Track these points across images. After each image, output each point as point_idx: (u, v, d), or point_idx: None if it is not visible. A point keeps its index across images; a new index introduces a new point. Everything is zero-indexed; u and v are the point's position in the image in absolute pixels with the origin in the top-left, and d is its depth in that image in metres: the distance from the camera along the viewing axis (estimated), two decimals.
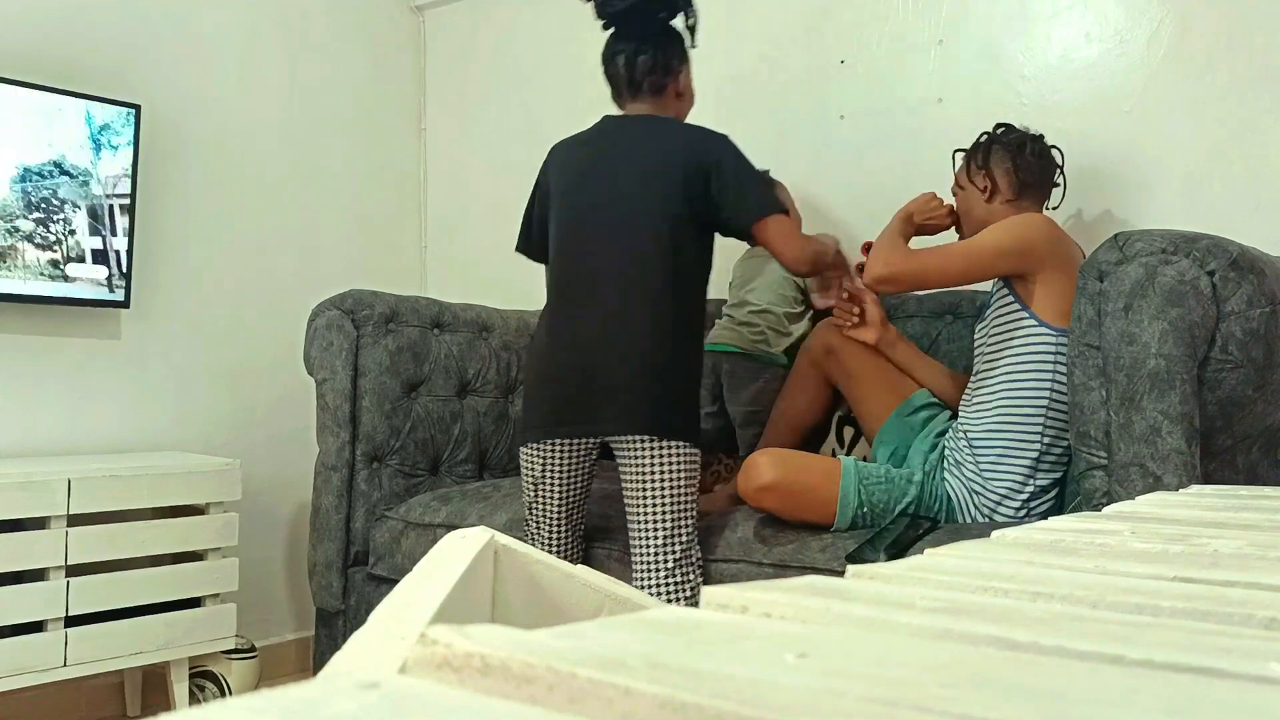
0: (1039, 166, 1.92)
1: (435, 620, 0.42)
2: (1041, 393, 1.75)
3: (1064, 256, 1.76)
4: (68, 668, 2.05)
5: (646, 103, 1.88)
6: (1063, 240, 1.79)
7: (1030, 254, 1.76)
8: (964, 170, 1.97)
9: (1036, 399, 1.75)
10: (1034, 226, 1.77)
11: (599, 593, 0.65)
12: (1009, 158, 1.91)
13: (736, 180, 1.80)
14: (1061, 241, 1.78)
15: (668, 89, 1.88)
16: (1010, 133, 1.94)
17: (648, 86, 1.87)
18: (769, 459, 1.72)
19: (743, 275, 2.29)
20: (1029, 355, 1.76)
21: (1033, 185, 1.91)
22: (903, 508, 1.74)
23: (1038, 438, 1.75)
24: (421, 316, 2.45)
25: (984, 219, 1.91)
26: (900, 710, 0.25)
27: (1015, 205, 1.90)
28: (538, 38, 3.04)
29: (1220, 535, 0.63)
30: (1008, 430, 1.77)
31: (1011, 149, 1.91)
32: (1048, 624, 0.36)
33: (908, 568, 0.49)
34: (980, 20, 2.30)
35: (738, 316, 2.23)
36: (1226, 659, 0.31)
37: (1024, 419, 1.76)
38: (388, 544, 2.22)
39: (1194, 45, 2.05)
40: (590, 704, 0.26)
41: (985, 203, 1.92)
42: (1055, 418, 1.75)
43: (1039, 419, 1.75)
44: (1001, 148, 1.92)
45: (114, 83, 2.46)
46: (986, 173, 1.92)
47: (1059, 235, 1.79)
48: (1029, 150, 1.91)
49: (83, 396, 2.42)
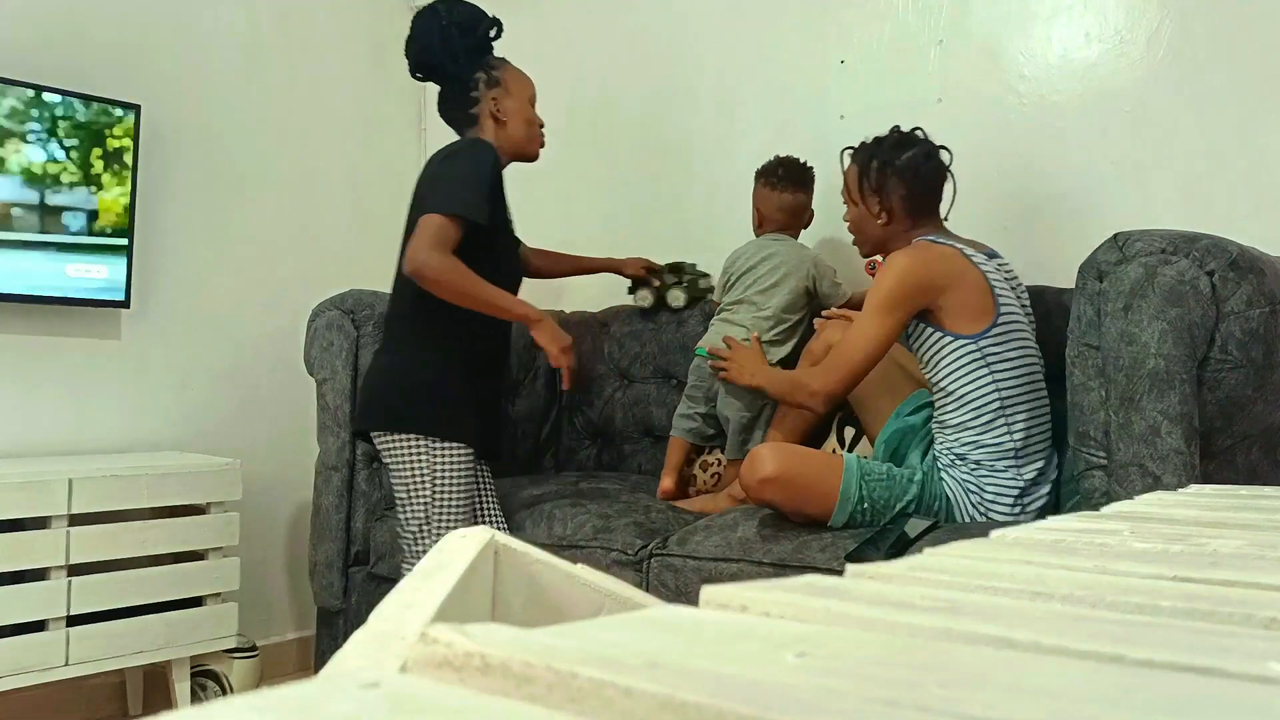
0: (932, 185, 1.90)
1: (436, 619, 0.42)
2: (988, 395, 1.78)
3: (951, 272, 1.78)
4: (69, 667, 2.05)
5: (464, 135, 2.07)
6: (942, 256, 1.79)
7: (927, 289, 1.77)
8: (855, 187, 1.93)
9: (987, 403, 1.78)
10: (915, 266, 1.77)
11: (599, 592, 0.65)
12: (903, 184, 1.88)
13: (432, 180, 1.92)
14: (942, 259, 1.79)
15: (478, 120, 2.04)
16: (901, 148, 1.89)
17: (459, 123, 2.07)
18: (772, 451, 1.73)
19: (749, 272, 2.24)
20: (963, 368, 1.79)
21: (929, 204, 1.90)
22: (903, 506, 1.75)
23: (1006, 435, 1.78)
24: None
25: (879, 240, 1.94)
26: (900, 710, 0.25)
27: (910, 227, 1.89)
28: (538, 38, 3.04)
29: (1220, 535, 0.63)
30: (977, 439, 1.79)
31: (906, 174, 1.88)
32: (1048, 624, 0.36)
33: (908, 568, 0.49)
34: (980, 20, 2.30)
35: (740, 319, 2.21)
36: (1226, 659, 0.31)
37: (986, 424, 1.78)
38: (388, 543, 2.22)
39: (1194, 45, 2.05)
40: (590, 704, 0.26)
41: (880, 226, 1.92)
42: (1013, 410, 1.78)
43: (998, 418, 1.78)
44: (896, 173, 1.88)
45: (114, 83, 2.46)
46: (879, 199, 1.90)
47: (937, 254, 1.79)
48: (922, 173, 1.88)
49: (83, 396, 2.42)
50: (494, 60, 2.08)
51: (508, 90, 2.06)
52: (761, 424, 2.18)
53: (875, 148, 1.92)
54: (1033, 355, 1.83)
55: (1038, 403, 1.81)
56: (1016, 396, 1.78)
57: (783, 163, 2.28)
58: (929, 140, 1.92)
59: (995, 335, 1.78)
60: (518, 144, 2.08)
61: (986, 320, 1.78)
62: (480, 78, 2.04)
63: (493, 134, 2.04)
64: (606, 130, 2.91)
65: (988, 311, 1.78)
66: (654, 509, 2.03)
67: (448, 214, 1.85)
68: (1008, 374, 1.78)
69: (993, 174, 2.27)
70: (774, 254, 2.21)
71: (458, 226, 1.86)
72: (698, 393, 2.26)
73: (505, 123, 2.05)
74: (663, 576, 1.82)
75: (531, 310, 1.92)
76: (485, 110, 2.04)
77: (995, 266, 1.85)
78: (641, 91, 2.85)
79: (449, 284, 1.84)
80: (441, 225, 1.84)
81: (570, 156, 2.98)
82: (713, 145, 2.69)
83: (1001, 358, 1.78)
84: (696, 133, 2.73)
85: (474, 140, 1.99)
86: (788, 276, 2.18)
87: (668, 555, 1.83)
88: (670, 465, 2.25)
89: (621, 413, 2.59)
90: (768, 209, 2.27)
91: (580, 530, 1.94)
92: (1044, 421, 1.82)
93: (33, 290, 2.26)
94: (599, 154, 2.92)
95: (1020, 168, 2.24)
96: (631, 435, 2.58)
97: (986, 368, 1.78)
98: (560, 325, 2.73)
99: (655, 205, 2.82)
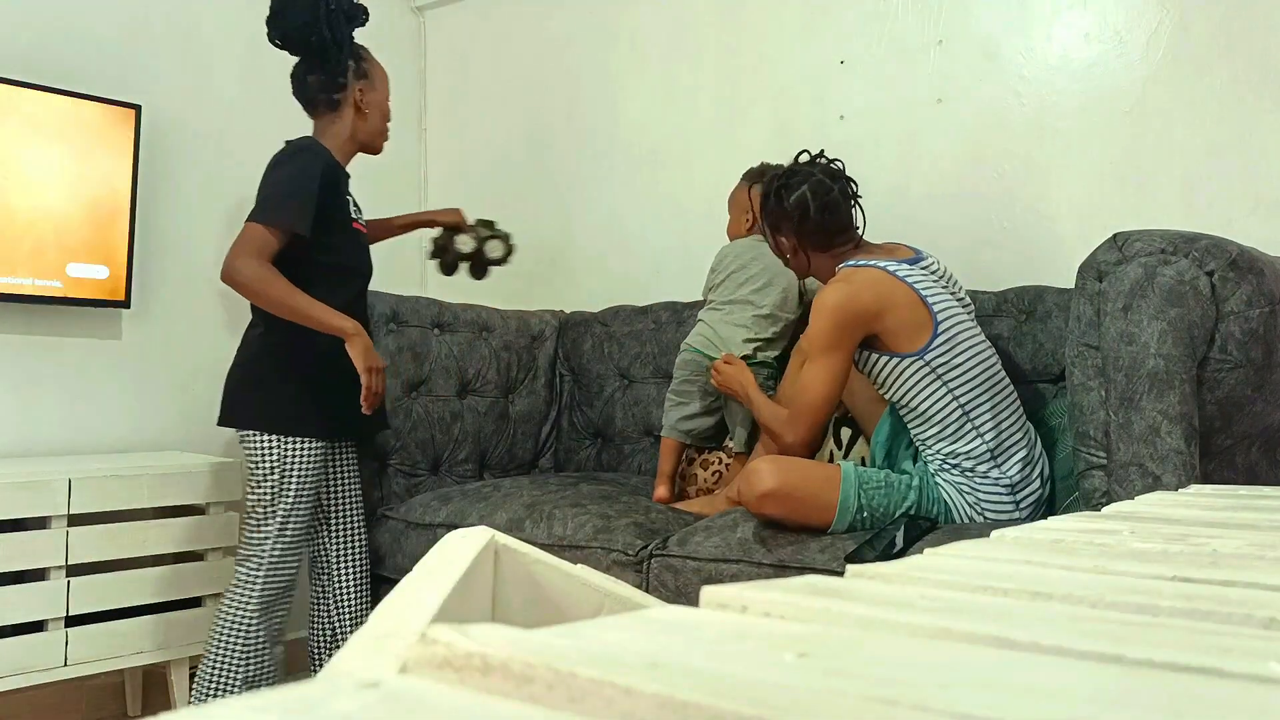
0: (831, 217, 1.86)
1: (436, 620, 0.42)
2: (948, 407, 1.78)
3: (881, 295, 1.78)
4: (68, 667, 2.05)
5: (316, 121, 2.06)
6: (869, 281, 1.79)
7: (862, 317, 1.77)
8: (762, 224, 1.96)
9: (949, 414, 1.79)
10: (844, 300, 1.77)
11: (599, 592, 0.65)
12: (796, 225, 1.87)
13: (261, 186, 1.94)
14: (869, 284, 1.79)
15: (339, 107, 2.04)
16: (789, 190, 1.87)
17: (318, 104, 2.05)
18: (770, 466, 1.73)
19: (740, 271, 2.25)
20: (916, 385, 1.79)
21: (830, 233, 1.87)
22: (902, 512, 1.75)
23: (977, 440, 1.78)
24: (422, 316, 2.45)
25: (796, 267, 1.96)
26: (900, 710, 0.25)
27: (822, 253, 1.90)
28: (538, 38, 3.04)
29: (1220, 535, 0.63)
30: (953, 448, 1.80)
31: (796, 215, 1.86)
32: (1048, 624, 0.36)
33: (908, 568, 0.49)
34: (980, 20, 2.30)
35: (735, 319, 2.21)
36: (1226, 659, 0.31)
37: (955, 434, 1.79)
38: (389, 544, 2.22)
39: (1194, 45, 2.05)
40: (590, 703, 0.26)
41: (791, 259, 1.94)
42: (977, 414, 1.78)
43: (965, 425, 1.78)
44: (785, 218, 1.88)
45: (114, 83, 2.46)
46: (783, 237, 1.91)
47: (862, 281, 1.79)
48: (813, 211, 1.85)
49: (83, 396, 2.42)
50: (362, 50, 2.08)
51: (373, 83, 2.07)
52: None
53: (767, 188, 1.92)
54: (983, 353, 1.82)
55: (1000, 399, 1.81)
56: (976, 400, 1.78)
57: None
58: (815, 165, 1.89)
59: (939, 347, 1.78)
60: (372, 136, 2.09)
61: (926, 333, 1.78)
62: (351, 66, 2.04)
63: (350, 123, 2.05)
64: (607, 130, 2.91)
65: (925, 324, 1.78)
66: (654, 509, 2.03)
67: (268, 224, 1.87)
68: (961, 381, 1.78)
69: (993, 174, 2.27)
70: (764, 254, 2.22)
71: (277, 236, 1.87)
72: (691, 388, 2.26)
73: (367, 115, 2.06)
74: (663, 577, 1.82)
75: (348, 324, 1.88)
76: (349, 99, 2.04)
77: (922, 272, 1.83)
78: (641, 92, 2.85)
79: (261, 293, 1.87)
80: (259, 234, 1.87)
81: (570, 156, 2.99)
82: (713, 145, 2.70)
83: (951, 366, 1.78)
84: (696, 133, 2.73)
85: (302, 146, 1.98)
86: (779, 276, 2.20)
87: (668, 555, 1.83)
88: (664, 472, 2.24)
89: (621, 413, 2.59)
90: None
91: (580, 530, 1.94)
92: (1013, 414, 1.82)
93: (33, 290, 2.26)
94: (599, 154, 2.92)
95: (1020, 168, 2.24)
96: (631, 435, 2.58)
97: (939, 380, 1.78)
98: (561, 325, 2.74)
99: (655, 205, 2.82)
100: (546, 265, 3.01)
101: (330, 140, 2.04)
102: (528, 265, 3.07)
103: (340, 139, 2.05)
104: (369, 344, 1.91)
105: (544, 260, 3.02)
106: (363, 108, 2.06)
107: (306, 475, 1.96)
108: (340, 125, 2.05)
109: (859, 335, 1.79)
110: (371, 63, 2.09)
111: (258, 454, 1.93)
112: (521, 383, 2.64)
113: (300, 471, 1.95)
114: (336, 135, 2.05)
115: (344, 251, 2.02)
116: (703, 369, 2.22)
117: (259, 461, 1.93)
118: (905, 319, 1.78)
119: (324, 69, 2.02)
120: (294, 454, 1.94)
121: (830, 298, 1.79)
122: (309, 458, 1.96)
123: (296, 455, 1.94)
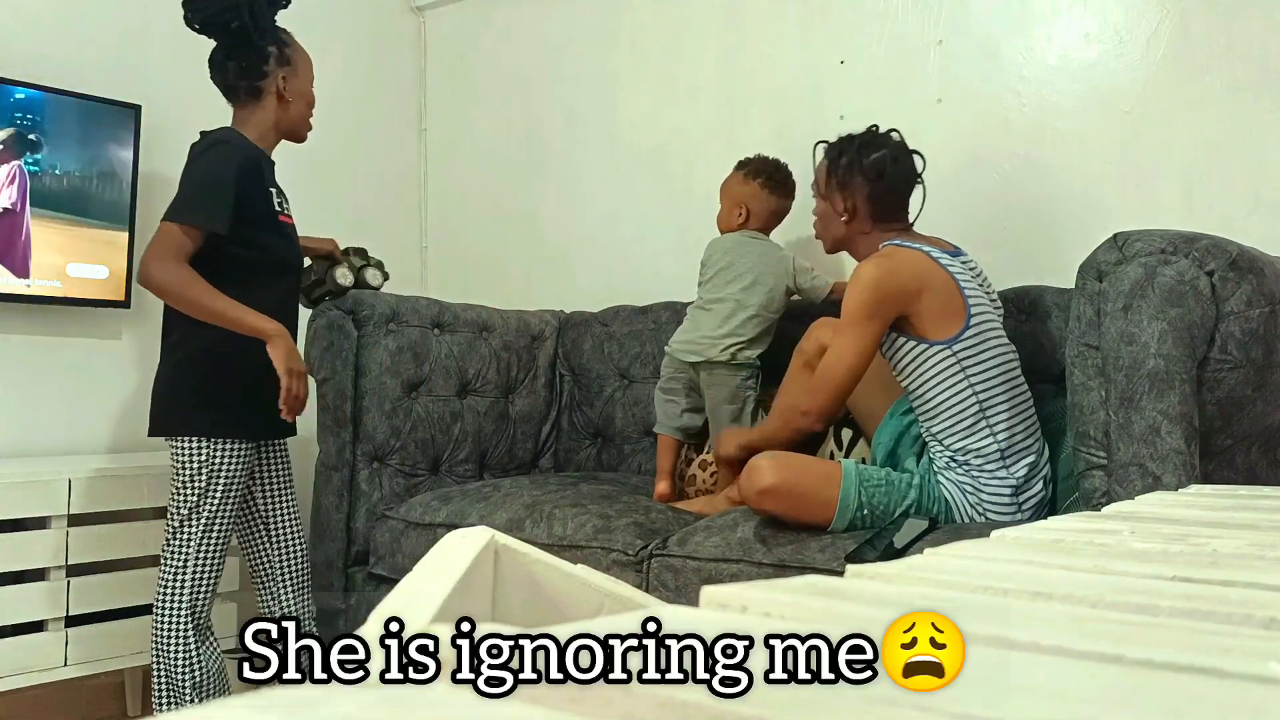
0: (898, 188, 1.90)
1: (436, 620, 0.42)
2: (966, 401, 1.78)
3: (921, 275, 1.78)
4: (68, 667, 2.05)
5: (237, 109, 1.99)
6: (909, 261, 1.79)
7: (899, 296, 1.77)
8: (824, 181, 1.95)
9: (966, 408, 1.78)
10: (884, 275, 1.77)
11: (599, 592, 0.65)
12: (867, 185, 1.89)
13: (179, 184, 1.89)
14: (910, 263, 1.79)
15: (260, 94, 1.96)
16: (870, 149, 1.90)
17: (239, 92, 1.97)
18: (770, 462, 1.72)
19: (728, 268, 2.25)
20: (938, 376, 1.79)
21: (892, 207, 1.90)
22: (902, 510, 1.75)
23: (989, 438, 1.78)
24: (422, 316, 2.45)
25: (840, 238, 1.95)
26: (900, 710, 0.25)
27: (872, 227, 1.90)
28: (538, 38, 3.04)
29: (1220, 535, 0.63)
30: (963, 444, 1.79)
31: (871, 175, 1.88)
32: (1048, 624, 0.36)
33: (908, 568, 0.49)
34: (980, 20, 2.30)
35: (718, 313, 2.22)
36: (1226, 659, 0.31)
37: (968, 429, 1.79)
38: (388, 544, 2.22)
39: (1194, 45, 2.05)
40: (590, 703, 0.26)
41: (843, 223, 1.93)
42: (993, 412, 1.78)
43: (979, 422, 1.78)
44: (862, 173, 1.89)
45: (114, 83, 2.46)
46: (843, 196, 1.91)
47: (904, 259, 1.79)
48: (888, 175, 1.88)
49: (83, 396, 2.42)
50: (284, 35, 2.01)
51: (296, 70, 2.00)
52: (746, 418, 2.19)
53: (845, 145, 1.93)
54: (1007, 353, 1.83)
55: (1017, 400, 1.81)
56: (994, 398, 1.78)
57: (779, 167, 2.29)
58: (902, 143, 1.93)
59: (969, 338, 1.78)
60: (296, 124, 2.03)
61: (959, 322, 1.78)
62: (273, 52, 1.97)
63: (273, 111, 1.99)
64: (607, 130, 2.91)
65: (959, 313, 1.78)
66: (654, 509, 2.03)
67: (182, 223, 1.83)
68: (983, 377, 1.78)
69: (992, 174, 2.27)
70: (752, 251, 2.23)
71: (192, 236, 1.83)
72: (677, 385, 2.27)
73: (290, 102, 2.00)
74: (663, 576, 1.82)
75: (269, 325, 1.84)
76: (272, 87, 1.97)
77: (961, 265, 1.85)
78: (641, 92, 2.85)
79: (179, 296, 1.83)
80: (174, 235, 1.82)
81: (570, 156, 2.99)
82: (713, 145, 2.69)
83: (976, 361, 1.78)
84: (696, 133, 2.73)
85: (218, 139, 1.92)
86: (765, 275, 2.20)
87: (668, 555, 1.83)
88: (663, 469, 2.26)
89: (621, 413, 2.59)
90: (759, 208, 2.27)
91: (580, 530, 1.94)
92: (1027, 417, 1.82)
93: (33, 290, 2.26)
94: (599, 154, 2.92)
95: (1020, 168, 2.24)
96: (631, 435, 2.58)
97: (962, 373, 1.78)
98: (561, 325, 2.74)
99: (655, 205, 2.82)
100: (546, 265, 3.01)
101: (253, 129, 1.97)
102: (527, 264, 3.07)
103: (263, 127, 1.98)
104: (291, 346, 1.86)
105: (544, 260, 3.02)
106: (285, 95, 1.98)
107: (233, 478, 1.90)
108: (263, 113, 1.97)
109: (894, 312, 1.78)
110: (295, 48, 2.02)
111: (183, 457, 1.88)
112: (521, 383, 2.64)
113: (227, 474, 1.89)
114: (259, 124, 1.98)
115: (268, 246, 1.95)
116: (684, 366, 2.23)
117: (184, 465, 1.88)
118: (940, 305, 1.77)
119: (245, 55, 1.94)
120: (221, 456, 1.88)
121: (870, 271, 1.78)
122: (236, 460, 1.90)
123: (223, 457, 1.89)
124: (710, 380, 2.20)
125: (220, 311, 1.82)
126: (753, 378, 2.22)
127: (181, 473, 1.88)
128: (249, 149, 1.93)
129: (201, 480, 1.87)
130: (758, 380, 2.23)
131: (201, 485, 1.87)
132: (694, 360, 2.21)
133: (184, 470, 1.88)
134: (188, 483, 1.88)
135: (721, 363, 2.19)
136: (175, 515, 1.89)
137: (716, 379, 2.20)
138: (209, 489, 1.88)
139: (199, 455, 1.87)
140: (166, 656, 1.87)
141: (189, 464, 1.88)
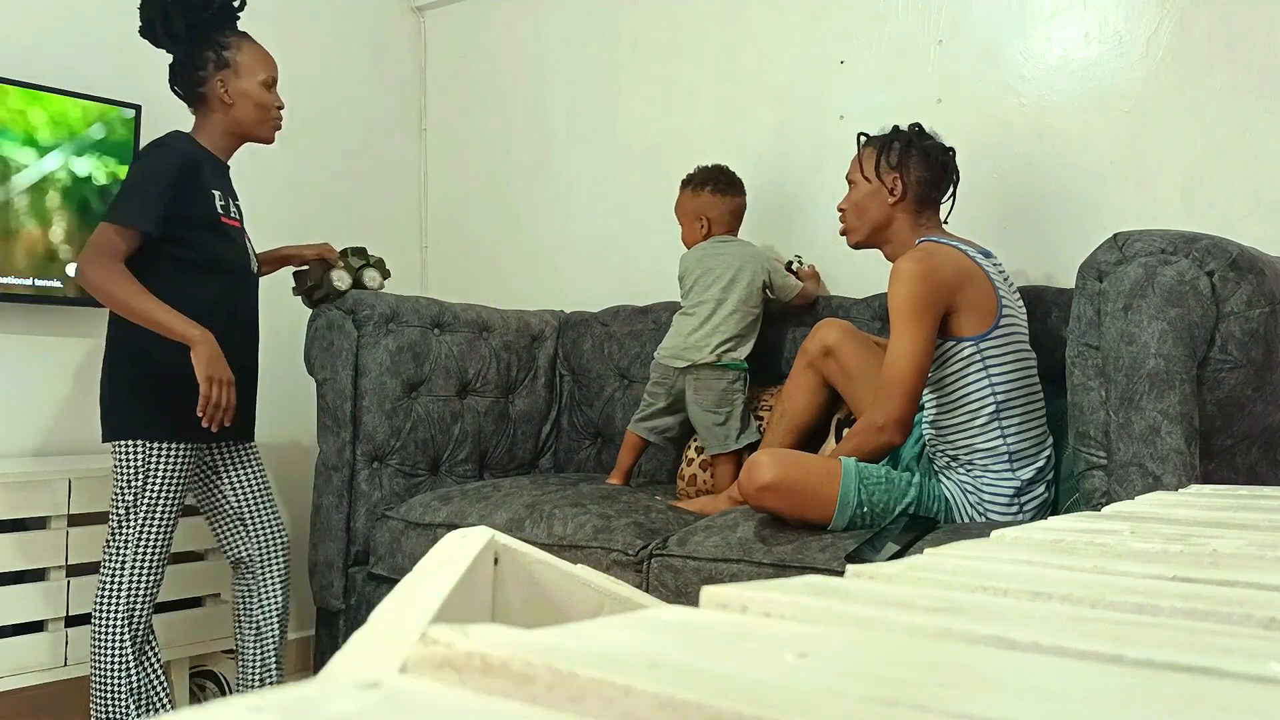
0: (945, 178, 1.94)
1: (436, 620, 0.42)
2: (984, 399, 1.79)
3: (960, 270, 1.79)
4: (68, 667, 2.05)
5: (195, 116, 2.03)
6: (949, 256, 1.80)
7: (944, 288, 1.77)
8: (871, 163, 1.95)
9: (982, 407, 1.79)
10: (928, 269, 1.77)
11: (599, 592, 0.65)
12: (924, 166, 1.91)
13: (123, 183, 1.91)
14: (949, 258, 1.80)
15: (205, 100, 1.99)
16: (924, 136, 1.95)
17: (187, 98, 2.02)
18: (770, 458, 1.73)
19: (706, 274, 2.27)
20: (960, 372, 1.80)
21: (936, 199, 1.94)
22: (902, 508, 1.75)
23: (1000, 439, 1.79)
24: (422, 316, 2.45)
25: (879, 220, 1.94)
26: (900, 710, 0.25)
27: (915, 216, 1.92)
28: (538, 38, 3.04)
29: (1220, 535, 0.63)
30: (971, 442, 1.80)
31: (928, 157, 1.92)
32: (1048, 624, 0.36)
33: (908, 568, 0.49)
34: (980, 20, 2.30)
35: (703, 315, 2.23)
36: (1226, 659, 0.31)
37: (980, 428, 1.79)
38: (388, 544, 2.22)
39: (1194, 45, 2.05)
40: (590, 704, 0.26)
41: (889, 205, 1.92)
42: (1008, 414, 1.79)
43: (992, 422, 1.79)
44: (919, 154, 1.92)
45: (114, 83, 2.46)
46: (899, 174, 1.92)
47: (944, 255, 1.80)
48: (940, 162, 1.92)
49: (83, 396, 2.42)
50: (228, 39, 2.00)
51: (237, 72, 1.99)
52: (735, 420, 2.20)
53: (898, 131, 1.96)
54: (1028, 356, 1.84)
55: (1032, 405, 1.82)
56: (1011, 400, 1.79)
57: (722, 170, 2.35)
58: (952, 151, 1.98)
59: (996, 337, 1.79)
60: (249, 126, 2.03)
61: (989, 321, 1.79)
62: (210, 58, 1.97)
63: (220, 115, 2.00)
64: (607, 130, 2.91)
65: (991, 312, 1.79)
66: (654, 509, 2.03)
67: (115, 223, 1.84)
68: (1004, 377, 1.79)
69: (992, 174, 2.27)
70: (726, 253, 2.27)
71: (126, 236, 1.84)
72: (659, 389, 2.29)
73: (232, 105, 2.00)
74: (663, 576, 1.82)
75: (194, 331, 1.83)
76: (212, 93, 1.99)
77: (994, 266, 1.86)
78: (641, 92, 2.85)
79: (109, 296, 1.83)
80: (108, 234, 1.83)
81: (570, 156, 2.99)
82: (713, 145, 2.69)
83: (999, 361, 1.79)
84: (696, 133, 2.73)
85: (160, 141, 1.95)
86: (742, 272, 2.24)
87: (668, 555, 1.83)
88: (622, 466, 2.33)
89: (621, 413, 2.59)
90: (717, 213, 2.33)
91: (580, 530, 1.94)
92: (1039, 423, 1.83)
93: (32, 290, 2.26)
94: (599, 154, 2.92)
95: (1020, 168, 2.25)
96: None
97: (984, 371, 1.79)
98: (561, 325, 2.74)
99: (655, 205, 2.82)
100: (546, 265, 3.01)
101: (206, 133, 2.00)
102: (527, 264, 3.07)
103: (215, 133, 2.01)
104: (214, 353, 1.84)
105: (544, 260, 3.02)
106: (226, 99, 1.99)
107: (170, 479, 1.89)
108: (212, 118, 2.00)
109: (943, 306, 1.78)
110: (238, 49, 2.00)
111: (121, 460, 1.88)
112: (521, 383, 2.64)
113: (162, 475, 1.89)
114: (211, 129, 2.01)
115: (204, 248, 1.94)
116: (670, 373, 2.25)
117: (122, 467, 1.88)
118: (977, 301, 1.79)
119: (181, 63, 1.98)
120: (156, 459, 1.88)
121: (914, 266, 1.77)
122: (172, 463, 1.90)
123: (158, 460, 1.88)
124: (697, 385, 2.22)
125: (147, 313, 1.82)
126: (740, 380, 2.23)
127: (120, 477, 1.89)
128: (190, 151, 1.95)
129: (138, 483, 1.87)
130: (745, 383, 2.25)
131: (138, 487, 1.87)
132: (680, 365, 2.23)
133: (122, 473, 1.88)
134: (125, 486, 1.88)
135: (708, 365, 2.20)
136: (112, 518, 1.90)
137: (704, 383, 2.21)
138: (144, 491, 1.88)
139: (135, 459, 1.88)
140: (102, 665, 1.86)
141: (125, 467, 1.88)
